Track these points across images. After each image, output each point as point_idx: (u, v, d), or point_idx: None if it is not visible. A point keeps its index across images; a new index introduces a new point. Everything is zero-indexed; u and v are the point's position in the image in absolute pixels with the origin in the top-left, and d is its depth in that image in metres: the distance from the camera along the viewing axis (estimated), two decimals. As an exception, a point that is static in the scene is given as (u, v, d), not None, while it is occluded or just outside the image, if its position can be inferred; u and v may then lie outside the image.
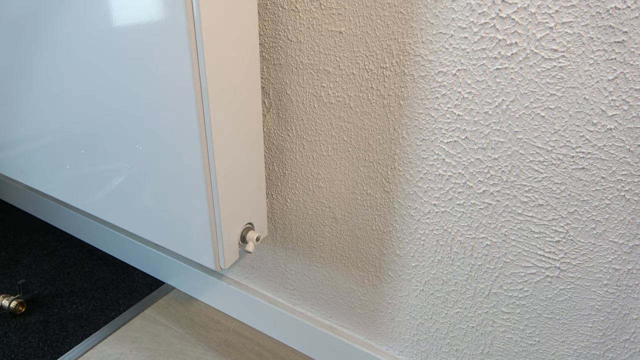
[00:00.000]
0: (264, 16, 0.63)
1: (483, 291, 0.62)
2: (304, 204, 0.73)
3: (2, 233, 1.26)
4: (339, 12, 0.57)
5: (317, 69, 0.62)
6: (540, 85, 0.48)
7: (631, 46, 0.42)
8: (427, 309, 0.69)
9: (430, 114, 0.55)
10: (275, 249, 0.82)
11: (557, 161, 0.50)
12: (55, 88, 0.69)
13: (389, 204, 0.64)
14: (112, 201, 0.72)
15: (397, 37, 0.54)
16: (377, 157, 0.62)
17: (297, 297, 0.84)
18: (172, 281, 1.06)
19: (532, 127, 0.50)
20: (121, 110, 0.62)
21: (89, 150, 0.70)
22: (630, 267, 0.51)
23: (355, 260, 0.73)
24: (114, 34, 0.57)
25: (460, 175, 0.57)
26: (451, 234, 0.61)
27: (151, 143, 0.61)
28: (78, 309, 0.99)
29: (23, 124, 0.79)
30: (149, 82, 0.56)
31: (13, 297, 0.97)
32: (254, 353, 0.87)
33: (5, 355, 0.87)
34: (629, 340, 0.55)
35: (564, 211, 0.52)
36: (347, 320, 0.80)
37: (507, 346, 0.64)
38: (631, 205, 0.48)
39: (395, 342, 0.75)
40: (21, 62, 0.72)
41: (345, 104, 0.61)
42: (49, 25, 0.64)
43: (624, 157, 0.47)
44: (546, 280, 0.56)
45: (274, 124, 0.70)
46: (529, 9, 0.45)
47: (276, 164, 0.73)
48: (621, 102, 0.45)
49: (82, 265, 1.13)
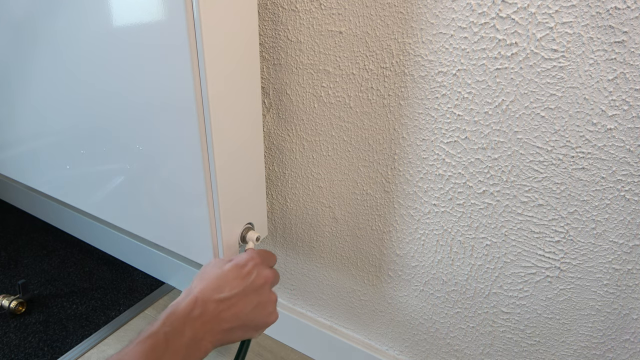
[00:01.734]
0: (264, 16, 0.63)
1: (483, 291, 0.62)
2: (304, 204, 0.73)
3: (2, 233, 1.26)
4: (339, 12, 0.57)
5: (317, 69, 0.62)
6: (540, 85, 0.48)
7: (631, 46, 0.42)
8: (427, 309, 0.69)
9: (430, 114, 0.55)
10: (275, 249, 0.82)
11: (557, 161, 0.50)
12: (55, 88, 0.69)
13: (389, 204, 0.64)
14: (112, 201, 0.72)
15: (397, 37, 0.54)
16: (377, 157, 0.62)
17: (297, 297, 0.84)
18: (172, 281, 1.06)
19: (532, 127, 0.50)
20: (121, 110, 0.62)
21: (89, 150, 0.70)
22: (630, 267, 0.51)
23: (355, 260, 0.73)
24: (114, 34, 0.57)
25: (460, 175, 0.57)
26: (451, 234, 0.61)
27: (151, 143, 0.61)
28: (78, 309, 0.99)
29: (23, 124, 0.79)
30: (148, 82, 0.56)
31: (13, 297, 0.97)
32: (254, 353, 0.87)
33: (5, 355, 0.87)
34: (629, 340, 0.55)
35: (564, 211, 0.52)
36: (347, 320, 0.80)
37: (507, 346, 0.64)
38: (631, 205, 0.48)
39: (395, 342, 0.75)
40: (21, 62, 0.72)
41: (345, 104, 0.61)
42: (49, 25, 0.64)
43: (624, 157, 0.46)
44: (546, 280, 0.56)
45: (274, 124, 0.70)
46: (529, 9, 0.45)
47: (276, 164, 0.73)
48: (621, 102, 0.45)
49: (82, 265, 1.13)
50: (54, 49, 0.65)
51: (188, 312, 0.44)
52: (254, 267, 0.50)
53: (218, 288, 0.46)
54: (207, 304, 0.45)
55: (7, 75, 0.76)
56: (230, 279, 0.48)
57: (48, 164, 0.79)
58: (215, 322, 0.45)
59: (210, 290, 0.46)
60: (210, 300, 0.45)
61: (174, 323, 0.43)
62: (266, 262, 0.54)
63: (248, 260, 0.51)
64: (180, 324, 0.43)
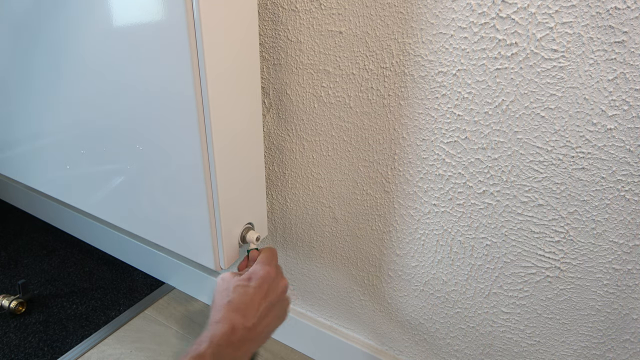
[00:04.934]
0: (264, 16, 0.63)
1: (483, 291, 0.62)
2: (304, 204, 0.73)
3: (2, 233, 1.26)
4: (339, 12, 0.57)
5: (317, 69, 0.62)
6: (540, 85, 0.48)
7: (631, 46, 0.42)
8: (427, 309, 0.69)
9: (430, 114, 0.55)
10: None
11: (557, 161, 0.50)
12: (55, 88, 0.69)
13: (389, 204, 0.64)
14: (112, 201, 0.72)
15: (397, 37, 0.54)
16: (377, 157, 0.62)
17: (297, 297, 0.84)
18: (172, 281, 1.06)
19: (532, 127, 0.50)
20: (121, 110, 0.62)
21: (89, 150, 0.70)
22: (630, 267, 0.51)
23: (355, 260, 0.73)
24: (114, 34, 0.57)
25: (460, 175, 0.57)
26: (451, 234, 0.61)
27: (151, 143, 0.61)
28: (78, 309, 0.99)
29: (23, 124, 0.79)
30: (149, 82, 0.56)
31: (13, 297, 0.97)
32: (254, 353, 0.87)
33: (5, 355, 0.87)
34: (629, 340, 0.55)
35: (564, 211, 0.52)
36: (347, 320, 0.80)
37: (507, 346, 0.64)
38: (631, 205, 0.48)
39: (395, 342, 0.75)
40: (21, 62, 0.72)
41: (345, 104, 0.61)
42: (49, 25, 0.64)
43: (624, 157, 0.46)
44: (546, 280, 0.56)
45: (274, 124, 0.70)
46: (529, 9, 0.45)
47: (276, 164, 0.73)
48: (621, 102, 0.45)
49: (82, 265, 1.13)
50: (54, 50, 0.65)
51: (228, 337, 0.49)
52: (271, 283, 0.55)
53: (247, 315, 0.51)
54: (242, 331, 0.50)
55: (7, 75, 0.76)
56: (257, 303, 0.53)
57: (48, 164, 0.79)
58: (250, 344, 0.51)
59: (243, 318, 0.51)
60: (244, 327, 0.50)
61: (218, 346, 0.48)
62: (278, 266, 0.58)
63: (266, 277, 0.55)
64: (222, 348, 0.48)
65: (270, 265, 0.56)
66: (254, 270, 0.55)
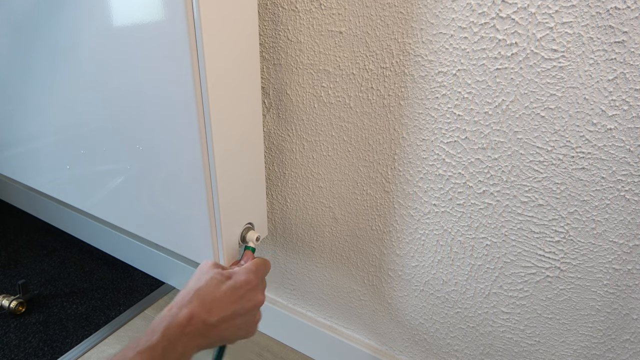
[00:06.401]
0: (264, 16, 0.63)
1: (483, 291, 0.62)
2: (304, 204, 0.73)
3: (2, 233, 1.26)
4: (339, 12, 0.57)
5: (317, 69, 0.62)
6: (540, 85, 0.48)
7: (631, 46, 0.42)
8: (427, 309, 0.69)
9: (430, 114, 0.55)
10: (275, 249, 0.82)
11: (557, 161, 0.50)
12: (55, 88, 0.69)
13: (389, 204, 0.64)
14: (112, 201, 0.72)
15: (397, 37, 0.54)
16: (377, 157, 0.62)
17: (297, 297, 0.84)
18: (172, 281, 1.06)
19: (532, 127, 0.50)
20: (121, 110, 0.62)
21: (89, 150, 0.70)
22: (630, 267, 0.51)
23: (355, 260, 0.73)
24: (114, 34, 0.57)
25: (460, 175, 0.57)
26: (451, 234, 0.61)
27: (151, 143, 0.61)
28: (78, 309, 0.99)
29: (23, 124, 0.79)
30: (149, 82, 0.56)
31: (13, 297, 0.97)
32: (254, 353, 0.87)
33: (5, 355, 0.87)
34: (629, 340, 0.55)
35: (564, 211, 0.52)
36: (347, 320, 0.80)
37: (507, 346, 0.64)
38: (631, 205, 0.48)
39: (395, 342, 0.75)
40: (21, 62, 0.72)
41: (345, 104, 0.61)
42: (49, 25, 0.64)
43: (624, 157, 0.47)
44: (546, 280, 0.56)
45: (274, 124, 0.70)
46: (529, 9, 0.45)
47: (276, 164, 0.73)
48: (621, 102, 0.45)
49: (82, 265, 1.13)
50: (54, 50, 0.65)
51: (182, 328, 0.47)
52: (248, 291, 0.52)
53: (211, 310, 0.49)
54: (199, 324, 0.48)
55: (7, 75, 0.76)
56: (225, 303, 0.50)
57: (48, 164, 0.79)
58: (202, 340, 0.48)
59: (206, 312, 0.48)
60: (203, 321, 0.48)
61: (171, 337, 0.46)
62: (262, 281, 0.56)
63: (244, 283, 0.52)
64: (175, 339, 0.46)
65: (256, 275, 0.54)
66: (238, 272, 0.53)
